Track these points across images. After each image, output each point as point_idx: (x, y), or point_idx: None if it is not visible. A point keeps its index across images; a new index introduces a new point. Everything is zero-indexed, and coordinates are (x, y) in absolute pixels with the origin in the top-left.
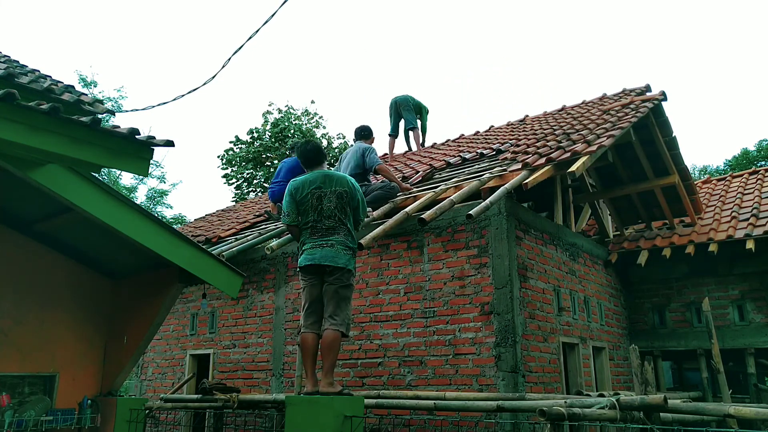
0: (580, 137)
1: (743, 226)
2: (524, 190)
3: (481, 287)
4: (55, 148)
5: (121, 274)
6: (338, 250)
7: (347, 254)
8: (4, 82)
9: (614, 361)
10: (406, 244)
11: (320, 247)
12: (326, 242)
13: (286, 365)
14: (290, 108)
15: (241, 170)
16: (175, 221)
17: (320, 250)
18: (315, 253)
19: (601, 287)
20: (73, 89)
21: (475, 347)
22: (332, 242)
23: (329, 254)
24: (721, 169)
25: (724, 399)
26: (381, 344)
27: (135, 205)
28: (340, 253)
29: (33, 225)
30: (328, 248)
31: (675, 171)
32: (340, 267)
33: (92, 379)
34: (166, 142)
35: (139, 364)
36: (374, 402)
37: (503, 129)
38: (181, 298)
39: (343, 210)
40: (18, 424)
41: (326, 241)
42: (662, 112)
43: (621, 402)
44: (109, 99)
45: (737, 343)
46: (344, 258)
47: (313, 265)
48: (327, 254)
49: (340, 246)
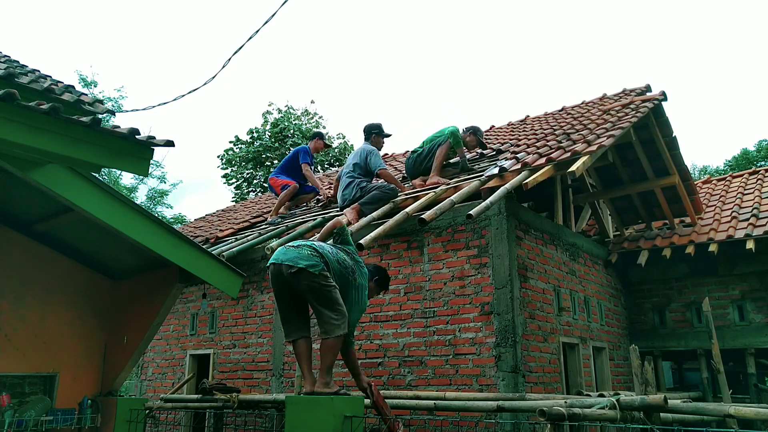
0: (581, 137)
1: (743, 226)
2: (524, 190)
3: (481, 287)
4: (55, 148)
5: (121, 274)
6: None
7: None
8: (4, 82)
9: (614, 361)
10: (406, 244)
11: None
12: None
13: (286, 365)
14: (290, 108)
15: (241, 170)
16: (175, 221)
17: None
18: None
19: (601, 287)
20: (73, 89)
21: (475, 347)
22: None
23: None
24: (721, 169)
25: (724, 399)
26: (381, 344)
27: (135, 205)
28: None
29: (33, 225)
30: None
31: (675, 171)
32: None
33: (92, 379)
34: (166, 142)
35: (139, 364)
36: None
37: (503, 129)
38: (181, 298)
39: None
40: (18, 424)
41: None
42: (662, 112)
43: (621, 402)
44: (109, 99)
45: (737, 343)
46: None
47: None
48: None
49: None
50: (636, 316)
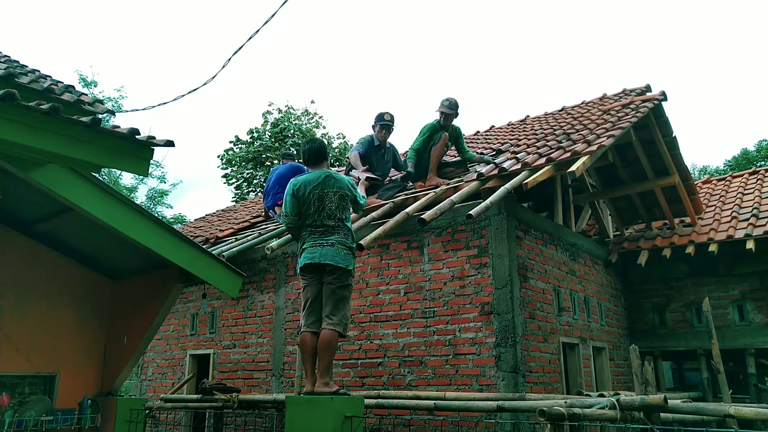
0: (581, 137)
1: (743, 226)
2: (524, 190)
3: (481, 287)
4: (55, 148)
5: (121, 274)
6: (338, 249)
7: (347, 254)
8: (4, 82)
9: (614, 361)
10: (406, 244)
11: (320, 246)
12: (326, 241)
13: (286, 365)
14: (290, 108)
15: (241, 170)
16: (175, 221)
17: (320, 249)
18: (314, 252)
19: (601, 287)
20: (73, 89)
21: (475, 347)
22: (332, 241)
23: (329, 253)
24: (721, 169)
25: (724, 399)
26: (381, 344)
27: (135, 205)
28: (340, 253)
29: (33, 225)
30: (328, 247)
31: (675, 171)
32: (340, 267)
33: (92, 379)
34: (166, 142)
35: (139, 364)
36: (374, 402)
37: (503, 129)
38: (181, 298)
39: (343, 210)
40: (18, 424)
41: (326, 240)
42: (662, 112)
43: (621, 402)
44: (109, 99)
45: (737, 343)
46: (344, 257)
47: (313, 264)
48: (327, 253)
49: (340, 246)
50: (636, 316)
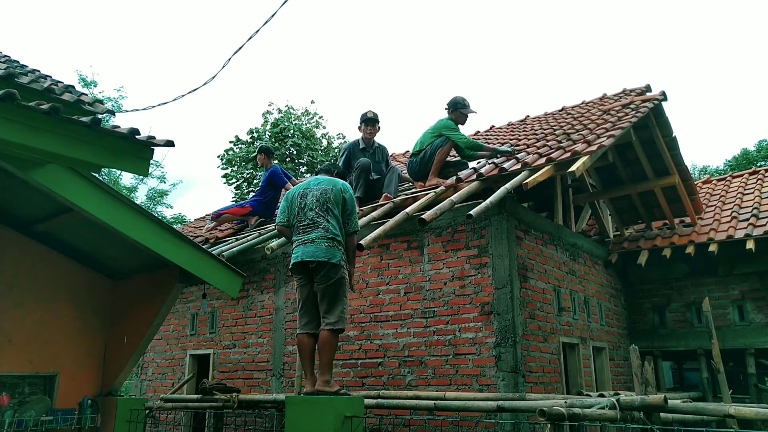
0: (581, 137)
1: (743, 226)
2: (524, 190)
3: (481, 287)
4: (55, 148)
5: (121, 274)
6: (318, 244)
7: (329, 246)
8: (4, 82)
9: (614, 361)
10: (406, 244)
11: (303, 244)
12: (308, 238)
13: (286, 365)
14: (290, 108)
15: (241, 170)
16: (175, 221)
17: (302, 248)
18: (298, 251)
19: (601, 287)
20: (73, 89)
21: (475, 347)
22: (312, 237)
23: (310, 251)
24: (721, 169)
25: (724, 399)
26: (381, 344)
27: (135, 205)
28: (320, 247)
29: (33, 225)
30: (309, 244)
31: (675, 171)
32: (323, 261)
33: (92, 379)
34: (166, 142)
35: (139, 364)
36: (374, 402)
37: (504, 129)
38: (181, 298)
39: (323, 204)
40: (18, 424)
41: (308, 237)
42: (662, 112)
43: (621, 402)
44: (109, 99)
45: (737, 343)
46: (325, 251)
47: (301, 263)
48: (308, 251)
49: (320, 240)
50: (636, 316)
